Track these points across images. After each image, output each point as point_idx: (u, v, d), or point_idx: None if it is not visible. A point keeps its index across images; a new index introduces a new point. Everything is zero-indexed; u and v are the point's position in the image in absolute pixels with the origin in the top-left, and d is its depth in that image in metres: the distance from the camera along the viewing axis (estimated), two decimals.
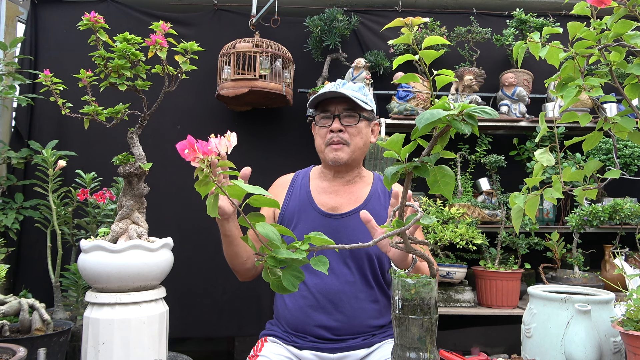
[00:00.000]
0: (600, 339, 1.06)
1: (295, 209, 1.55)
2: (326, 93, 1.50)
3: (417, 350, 0.86)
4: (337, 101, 1.52)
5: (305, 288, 1.46)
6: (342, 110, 1.51)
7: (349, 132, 1.51)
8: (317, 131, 1.57)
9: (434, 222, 1.28)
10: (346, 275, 1.46)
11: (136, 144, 1.52)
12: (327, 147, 1.52)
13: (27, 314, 1.66)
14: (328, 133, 1.52)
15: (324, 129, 1.53)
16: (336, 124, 1.50)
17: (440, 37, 0.80)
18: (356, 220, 1.48)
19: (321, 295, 1.44)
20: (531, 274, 2.53)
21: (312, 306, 1.44)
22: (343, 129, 1.51)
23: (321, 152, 1.56)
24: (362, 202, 1.53)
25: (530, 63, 2.69)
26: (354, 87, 1.53)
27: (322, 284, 1.45)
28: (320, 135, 1.55)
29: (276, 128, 2.78)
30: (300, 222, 1.52)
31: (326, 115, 1.53)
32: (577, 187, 0.85)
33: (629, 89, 0.79)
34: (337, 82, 1.57)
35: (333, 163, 1.52)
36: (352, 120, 1.52)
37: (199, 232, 2.60)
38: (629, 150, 2.41)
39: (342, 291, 1.44)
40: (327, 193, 1.57)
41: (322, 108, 1.55)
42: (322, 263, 0.74)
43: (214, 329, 2.63)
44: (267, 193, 0.70)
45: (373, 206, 1.53)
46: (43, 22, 2.73)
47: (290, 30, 2.76)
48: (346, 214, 1.52)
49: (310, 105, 1.58)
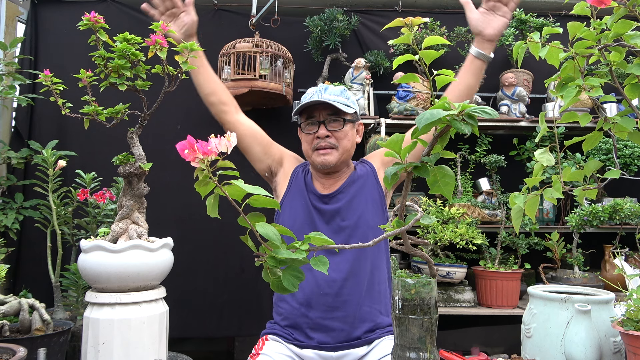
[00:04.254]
0: (600, 339, 1.06)
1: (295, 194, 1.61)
2: (310, 102, 1.54)
3: (417, 350, 0.86)
4: (321, 107, 1.56)
5: (304, 285, 1.46)
6: (326, 116, 1.56)
7: (335, 137, 1.56)
8: (304, 138, 1.61)
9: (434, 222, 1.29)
10: (344, 272, 1.46)
11: (136, 144, 1.52)
12: (314, 152, 1.57)
13: (27, 314, 1.66)
14: (315, 139, 1.56)
15: (310, 135, 1.57)
16: (322, 130, 1.55)
17: (440, 37, 0.80)
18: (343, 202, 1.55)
19: (319, 293, 1.45)
20: (531, 274, 2.52)
21: (310, 304, 1.45)
22: (329, 134, 1.55)
23: (309, 157, 1.61)
24: (347, 178, 1.60)
25: (530, 63, 2.68)
26: (336, 92, 1.57)
27: (321, 280, 1.45)
28: (307, 141, 1.59)
29: (276, 128, 2.77)
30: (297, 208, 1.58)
31: (311, 122, 1.57)
32: (577, 187, 0.85)
33: (629, 89, 0.79)
34: (319, 88, 1.59)
35: (322, 167, 1.56)
36: (337, 125, 1.56)
37: (199, 232, 2.60)
38: (629, 150, 2.41)
39: (341, 288, 1.45)
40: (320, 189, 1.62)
41: (307, 114, 1.59)
42: (322, 263, 0.74)
43: (214, 329, 2.63)
44: (267, 193, 0.70)
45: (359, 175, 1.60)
46: (43, 22, 2.73)
47: (290, 30, 2.76)
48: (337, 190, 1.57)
49: (295, 112, 1.62)
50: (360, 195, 1.56)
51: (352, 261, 1.48)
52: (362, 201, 1.55)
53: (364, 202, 1.55)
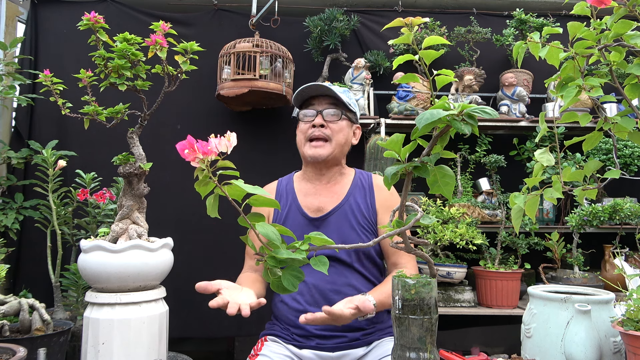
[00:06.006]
0: (600, 339, 1.06)
1: (283, 215, 1.57)
2: (311, 86, 1.52)
3: (417, 350, 0.86)
4: (321, 98, 1.54)
5: (302, 286, 1.46)
6: (325, 106, 1.54)
7: (331, 128, 1.53)
8: (299, 127, 1.59)
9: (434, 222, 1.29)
10: (341, 272, 1.46)
11: (136, 144, 1.52)
12: (306, 143, 1.54)
13: (27, 314, 1.66)
14: (310, 128, 1.53)
15: (307, 124, 1.55)
16: (318, 119, 1.53)
17: (440, 37, 0.80)
18: (339, 217, 1.51)
19: (317, 292, 1.45)
20: (531, 274, 2.52)
21: (308, 303, 1.45)
22: (325, 124, 1.53)
23: (301, 148, 1.58)
24: (343, 198, 1.55)
25: (530, 63, 2.68)
26: (338, 89, 1.56)
27: (319, 280, 1.45)
28: (302, 131, 1.57)
29: (276, 128, 2.78)
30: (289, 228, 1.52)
31: (309, 111, 1.55)
32: (577, 187, 0.85)
33: (629, 89, 0.79)
34: (321, 83, 1.59)
35: (312, 159, 1.53)
36: (335, 117, 1.54)
37: (199, 232, 2.59)
38: (629, 150, 2.41)
39: (337, 285, 1.45)
40: (311, 195, 1.58)
41: (307, 104, 1.57)
42: (322, 263, 0.74)
43: (214, 329, 2.63)
44: (267, 193, 0.70)
45: (355, 199, 1.55)
46: (43, 22, 2.73)
47: (290, 30, 2.76)
48: (329, 213, 1.53)
49: (296, 102, 1.60)
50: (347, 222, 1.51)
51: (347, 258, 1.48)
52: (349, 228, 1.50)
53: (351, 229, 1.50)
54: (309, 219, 1.53)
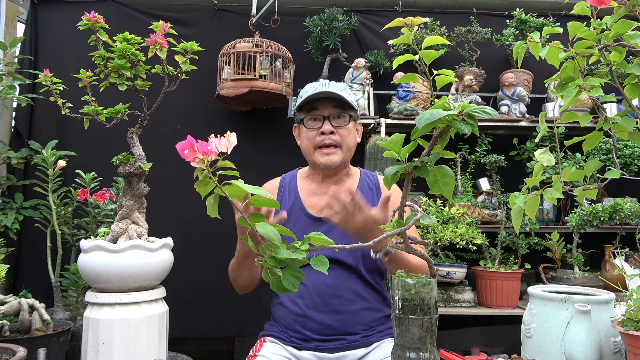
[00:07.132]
0: (600, 339, 1.06)
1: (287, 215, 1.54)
2: (317, 94, 1.47)
3: (417, 350, 0.86)
4: (324, 101, 1.49)
5: (301, 287, 1.46)
6: (331, 111, 1.48)
7: (340, 134, 1.49)
8: (305, 133, 1.52)
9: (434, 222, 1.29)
10: (340, 273, 1.46)
11: (136, 144, 1.52)
12: (316, 151, 1.49)
13: (27, 314, 1.66)
14: (318, 135, 1.48)
15: (313, 131, 1.49)
16: (327, 125, 1.47)
17: (440, 37, 0.80)
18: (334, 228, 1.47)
19: (316, 294, 1.44)
20: (531, 274, 2.52)
21: (307, 305, 1.44)
22: (334, 130, 1.48)
23: (309, 155, 1.52)
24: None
25: (530, 63, 2.68)
26: (340, 87, 1.51)
27: (318, 282, 1.45)
28: (309, 138, 1.50)
29: (276, 128, 2.78)
30: (291, 228, 1.51)
31: (315, 116, 1.50)
32: (577, 187, 0.85)
33: (629, 89, 0.79)
34: (322, 82, 1.53)
35: (325, 167, 1.49)
36: (343, 121, 1.49)
37: (199, 232, 2.59)
38: (629, 150, 2.41)
39: (337, 289, 1.44)
40: (316, 195, 1.55)
41: (309, 108, 1.50)
42: (322, 263, 0.74)
43: (214, 329, 2.63)
44: (267, 193, 0.70)
45: None
46: (43, 22, 2.73)
47: (290, 30, 2.76)
48: None
49: (298, 106, 1.54)
50: None
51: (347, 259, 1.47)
52: None
53: None
54: (313, 218, 1.51)
